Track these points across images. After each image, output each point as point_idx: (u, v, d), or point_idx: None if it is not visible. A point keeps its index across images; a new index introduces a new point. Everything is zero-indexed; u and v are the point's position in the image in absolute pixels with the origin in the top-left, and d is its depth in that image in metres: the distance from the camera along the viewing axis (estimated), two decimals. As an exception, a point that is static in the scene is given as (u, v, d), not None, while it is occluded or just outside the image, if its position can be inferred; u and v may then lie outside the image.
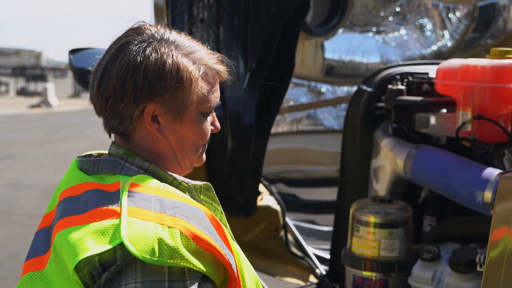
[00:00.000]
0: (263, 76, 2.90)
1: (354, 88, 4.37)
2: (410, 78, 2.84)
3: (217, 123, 1.54)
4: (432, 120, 2.72)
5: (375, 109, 2.92)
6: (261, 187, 3.32)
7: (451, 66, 2.62)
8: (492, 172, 2.30)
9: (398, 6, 4.46)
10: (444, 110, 2.70)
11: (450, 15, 4.48)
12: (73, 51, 3.32)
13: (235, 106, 2.89)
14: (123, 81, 1.39)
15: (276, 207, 3.37)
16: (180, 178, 1.47)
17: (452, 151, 2.55)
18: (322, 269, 3.38)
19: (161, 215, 1.31)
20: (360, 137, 2.97)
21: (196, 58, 1.45)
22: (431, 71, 2.84)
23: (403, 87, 2.80)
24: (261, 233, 3.32)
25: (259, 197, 3.28)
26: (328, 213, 4.10)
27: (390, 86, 2.81)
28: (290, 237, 3.47)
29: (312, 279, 3.42)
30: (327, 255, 3.48)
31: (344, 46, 4.38)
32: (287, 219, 3.47)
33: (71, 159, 1.55)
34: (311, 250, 3.50)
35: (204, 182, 1.50)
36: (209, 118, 1.51)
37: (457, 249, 2.35)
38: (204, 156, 1.55)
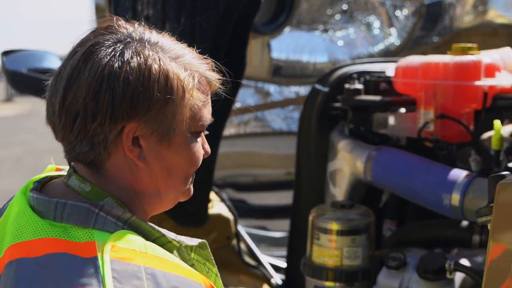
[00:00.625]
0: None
1: (303, 89, 4.29)
2: (368, 77, 2.73)
3: (207, 146, 1.25)
4: (392, 120, 2.61)
5: (331, 109, 2.80)
6: (212, 194, 3.15)
7: (411, 63, 2.51)
8: (458, 174, 2.20)
9: (345, 4, 4.38)
10: (404, 110, 2.59)
11: (397, 13, 4.43)
12: (5, 53, 3.19)
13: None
14: (96, 93, 1.08)
15: (228, 214, 3.21)
16: (170, 235, 1.15)
17: (413, 152, 2.45)
18: (277, 278, 3.23)
19: None
20: (316, 139, 2.85)
21: (185, 63, 1.15)
22: (389, 69, 2.73)
23: (360, 86, 2.68)
24: (212, 243, 3.12)
25: (210, 205, 3.11)
26: (279, 218, 3.98)
27: (347, 86, 2.69)
28: (242, 245, 3.31)
29: (267, 289, 3.27)
30: (281, 263, 3.35)
31: (291, 45, 4.28)
32: (239, 227, 3.32)
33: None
34: (265, 258, 3.35)
35: (200, 240, 1.22)
36: (200, 140, 1.22)
37: (425, 256, 2.24)
38: (192, 187, 1.25)
